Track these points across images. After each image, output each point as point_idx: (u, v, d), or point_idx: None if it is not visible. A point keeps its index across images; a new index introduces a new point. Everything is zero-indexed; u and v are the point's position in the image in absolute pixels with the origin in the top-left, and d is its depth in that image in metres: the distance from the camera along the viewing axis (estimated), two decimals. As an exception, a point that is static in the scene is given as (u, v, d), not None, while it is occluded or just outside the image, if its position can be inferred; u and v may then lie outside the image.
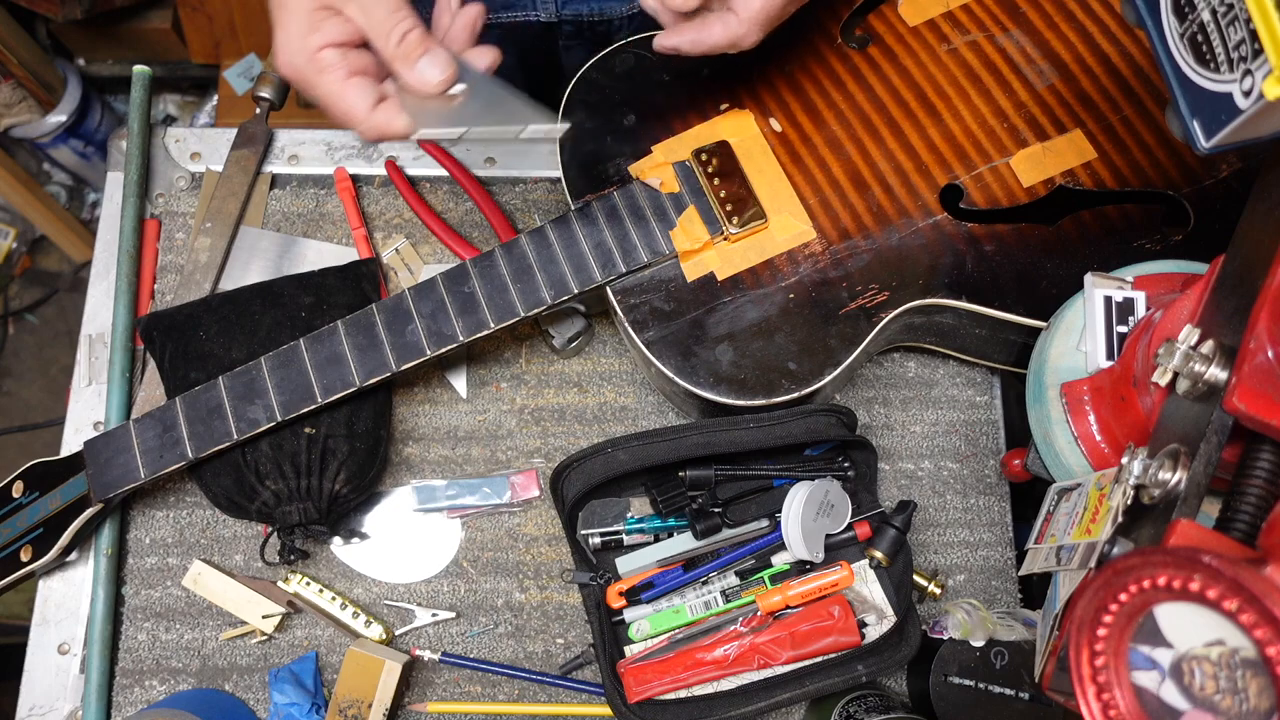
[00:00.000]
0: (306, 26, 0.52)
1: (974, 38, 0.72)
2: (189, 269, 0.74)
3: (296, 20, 0.52)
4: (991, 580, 0.72)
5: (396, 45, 0.51)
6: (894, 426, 0.74)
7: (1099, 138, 0.68)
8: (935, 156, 0.68)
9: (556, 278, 0.65)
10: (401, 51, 0.51)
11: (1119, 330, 0.57)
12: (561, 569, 0.71)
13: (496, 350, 0.75)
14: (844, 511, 0.66)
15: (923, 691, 0.63)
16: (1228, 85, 0.39)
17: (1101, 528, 0.46)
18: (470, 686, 0.68)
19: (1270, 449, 0.40)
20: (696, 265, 0.66)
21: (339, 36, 0.52)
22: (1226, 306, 0.43)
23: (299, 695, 0.65)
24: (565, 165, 0.69)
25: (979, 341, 0.69)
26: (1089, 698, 0.36)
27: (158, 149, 0.79)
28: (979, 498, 0.73)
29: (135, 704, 0.67)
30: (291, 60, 0.53)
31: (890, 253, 0.66)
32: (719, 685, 0.63)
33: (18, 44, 1.53)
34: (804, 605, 0.64)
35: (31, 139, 1.68)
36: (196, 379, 0.65)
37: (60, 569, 0.69)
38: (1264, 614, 0.31)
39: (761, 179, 0.67)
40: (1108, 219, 0.66)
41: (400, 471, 0.72)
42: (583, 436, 0.73)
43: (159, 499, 0.71)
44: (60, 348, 1.85)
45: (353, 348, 0.64)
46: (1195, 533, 0.38)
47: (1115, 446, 0.55)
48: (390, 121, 0.52)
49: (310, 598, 0.68)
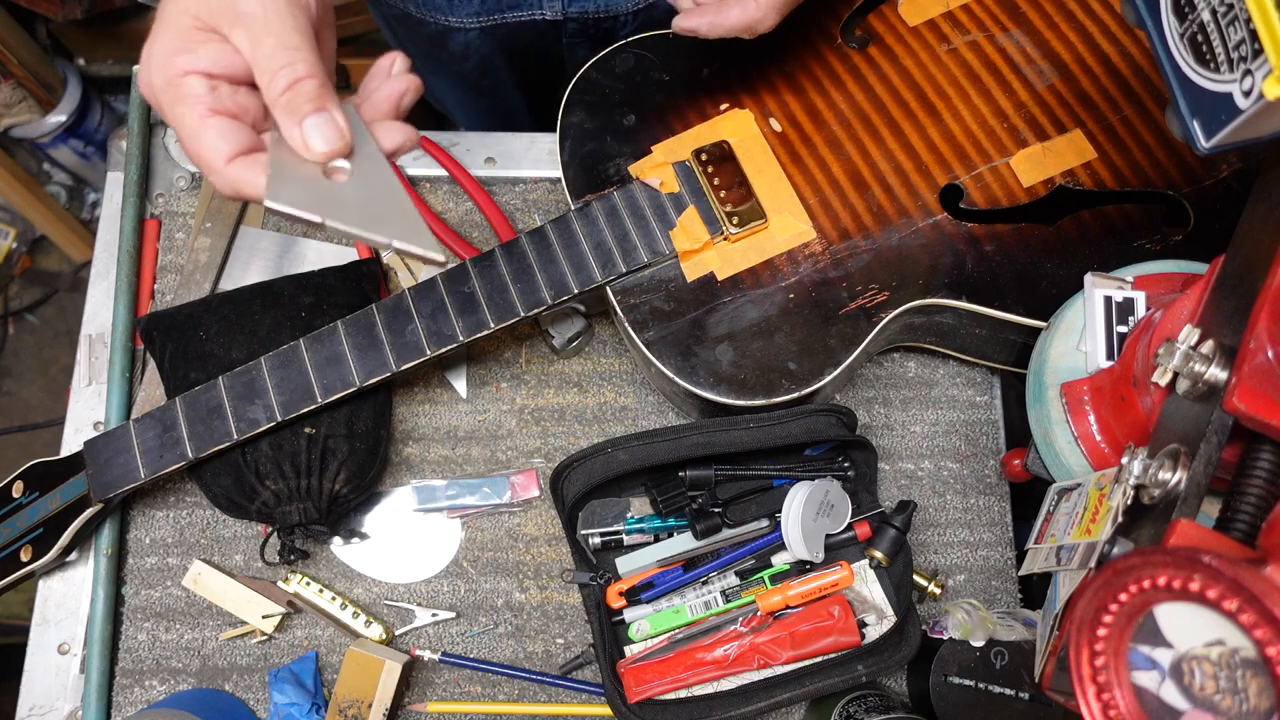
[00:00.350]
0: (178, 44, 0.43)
1: (974, 38, 0.72)
2: (189, 269, 0.74)
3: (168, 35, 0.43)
4: (991, 580, 0.72)
5: (283, 91, 0.42)
6: (894, 426, 0.74)
7: (1099, 138, 0.68)
8: (935, 156, 0.68)
9: (556, 278, 0.65)
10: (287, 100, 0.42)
11: (1119, 330, 0.57)
12: (561, 569, 0.71)
13: (496, 350, 0.75)
14: (844, 511, 0.66)
15: (923, 691, 0.63)
16: (1228, 85, 0.39)
17: (1101, 528, 0.46)
18: (470, 686, 0.68)
19: (1270, 449, 0.40)
20: (696, 265, 0.66)
21: (212, 66, 0.43)
22: (1226, 306, 0.43)
23: (299, 695, 0.65)
24: (565, 165, 0.69)
25: (979, 341, 0.69)
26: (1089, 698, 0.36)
27: (158, 149, 0.79)
28: (979, 498, 0.73)
29: (135, 704, 0.67)
30: (150, 79, 0.44)
31: (890, 253, 0.66)
32: (719, 685, 0.63)
33: (18, 44, 1.53)
34: (804, 605, 0.64)
35: (31, 139, 1.68)
36: (196, 379, 0.65)
37: (60, 569, 0.69)
38: (1264, 614, 0.31)
39: (761, 179, 0.67)
40: (1108, 219, 0.66)
41: (400, 471, 0.72)
42: (583, 436, 0.73)
43: (159, 499, 0.71)
44: (60, 348, 1.85)
45: (353, 348, 0.64)
46: (1195, 533, 0.38)
47: (1115, 446, 0.55)
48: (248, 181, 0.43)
49: (310, 598, 0.68)
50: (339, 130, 0.43)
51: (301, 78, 0.42)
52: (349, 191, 0.43)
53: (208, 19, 0.43)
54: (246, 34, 0.42)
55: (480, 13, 0.82)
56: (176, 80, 0.43)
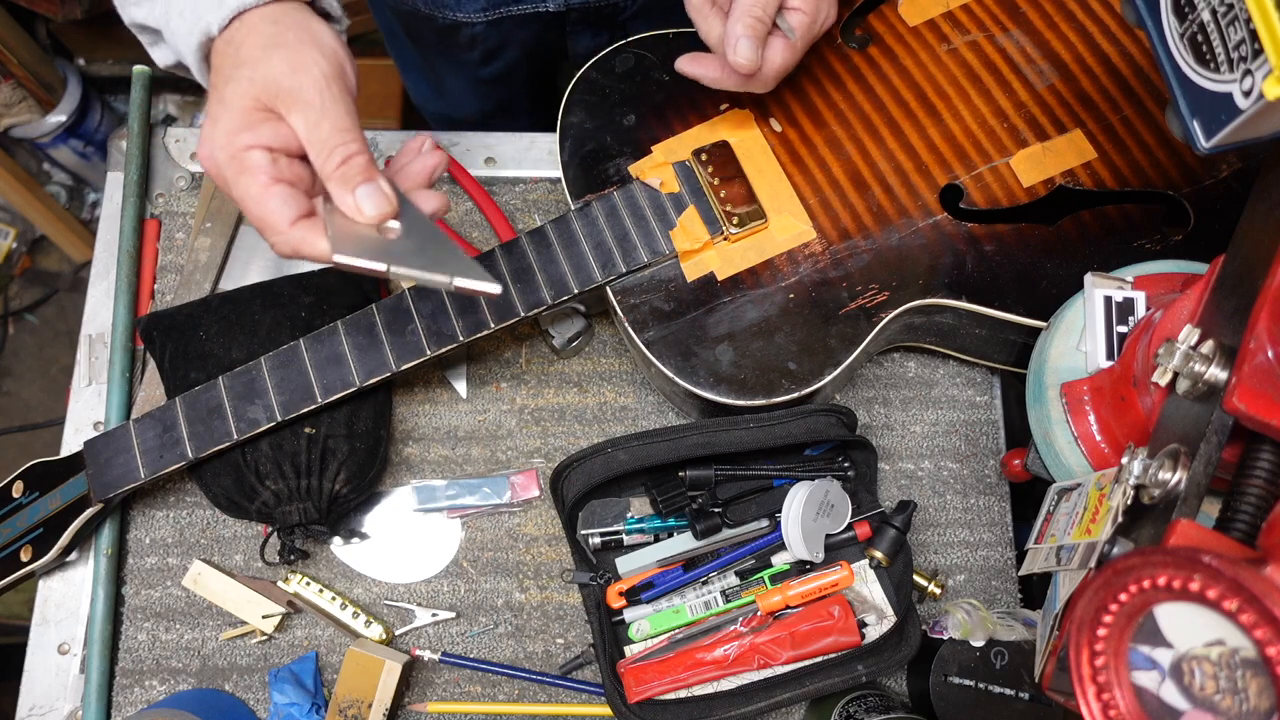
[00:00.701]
0: (240, 123, 0.48)
1: (974, 38, 0.72)
2: (189, 269, 0.74)
3: (229, 115, 0.48)
4: (991, 580, 0.72)
5: (337, 167, 0.48)
6: (894, 426, 0.74)
7: (1099, 138, 0.68)
8: (935, 156, 0.68)
9: (556, 278, 0.65)
10: (341, 174, 0.48)
11: (1119, 330, 0.57)
12: (561, 569, 0.71)
13: (496, 350, 0.75)
14: (844, 511, 0.66)
15: (923, 691, 0.63)
16: (1228, 85, 0.39)
17: (1101, 528, 0.46)
18: (470, 686, 0.68)
19: (1270, 449, 0.40)
20: (696, 265, 0.66)
21: (273, 141, 0.49)
22: (1226, 306, 0.43)
23: (299, 695, 0.65)
24: (565, 165, 0.69)
25: (979, 341, 0.69)
26: (1089, 698, 0.36)
27: (158, 149, 0.79)
28: (979, 498, 0.73)
29: (135, 704, 0.67)
30: (213, 154, 0.49)
31: (890, 253, 0.66)
32: (719, 685, 0.63)
33: (18, 44, 1.53)
34: (804, 605, 0.64)
35: (31, 139, 1.68)
36: (196, 379, 0.65)
37: (60, 569, 0.69)
38: (1264, 614, 0.31)
39: (761, 179, 0.67)
40: (1108, 219, 0.66)
41: (400, 471, 0.72)
42: (583, 436, 0.73)
43: (159, 499, 0.71)
44: (60, 348, 1.85)
45: (353, 348, 0.64)
46: (1195, 533, 0.38)
47: (1115, 446, 0.55)
48: (310, 241, 0.49)
49: (310, 598, 0.68)
50: (386, 196, 0.49)
51: (353, 154, 0.48)
52: (401, 244, 0.49)
53: (268, 102, 0.48)
54: (304, 118, 0.48)
55: (487, 7, 0.84)
56: (240, 154, 0.48)
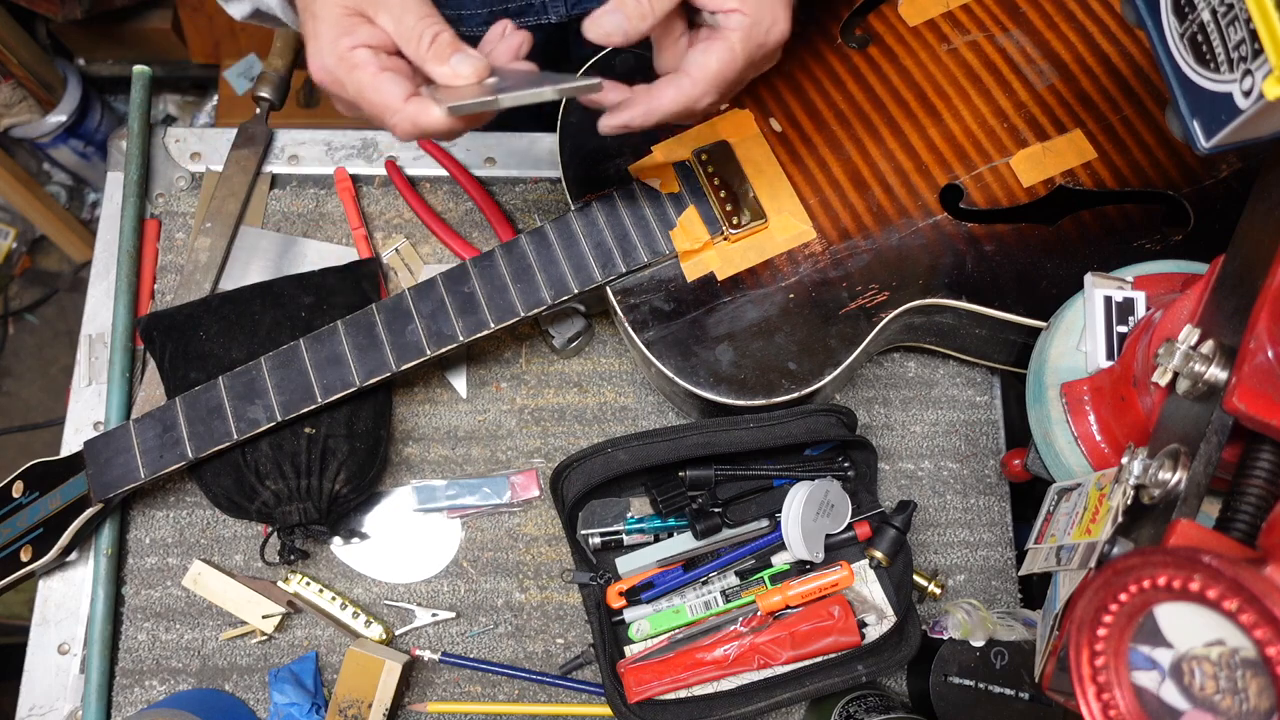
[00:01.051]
0: (339, 30, 0.53)
1: (974, 38, 0.72)
2: (189, 269, 0.74)
3: (328, 25, 0.53)
4: (991, 580, 0.72)
5: (429, 47, 0.52)
6: (894, 426, 0.74)
7: (1099, 138, 0.68)
8: (935, 156, 0.68)
9: (556, 278, 0.65)
10: (433, 52, 0.52)
11: (1119, 330, 0.57)
12: (561, 569, 0.71)
13: (496, 350, 0.75)
14: (844, 511, 0.66)
15: (923, 691, 0.63)
16: (1228, 85, 0.39)
17: (1101, 528, 0.46)
18: (470, 686, 0.68)
19: (1270, 449, 0.40)
20: (696, 265, 0.66)
21: (370, 40, 0.53)
22: (1226, 306, 0.43)
23: (299, 695, 0.65)
24: (565, 165, 0.69)
25: (979, 341, 0.69)
26: (1089, 698, 0.36)
27: (158, 149, 0.79)
28: (979, 498, 0.73)
29: (135, 704, 0.67)
30: (324, 63, 0.53)
31: (890, 253, 0.66)
32: (719, 685, 0.63)
33: (18, 44, 1.53)
34: (804, 605, 0.64)
35: (31, 139, 1.68)
36: (196, 379, 0.65)
37: (60, 569, 0.69)
38: (1264, 614, 0.31)
39: (761, 179, 0.67)
40: (1108, 219, 0.66)
41: (400, 471, 0.72)
42: (583, 436, 0.73)
43: (159, 499, 0.71)
44: (60, 348, 1.86)
45: (353, 348, 0.64)
46: (1195, 533, 0.38)
47: (1115, 446, 0.55)
48: (424, 110, 0.52)
49: (310, 598, 0.68)
50: (477, 56, 0.53)
51: (439, 33, 0.53)
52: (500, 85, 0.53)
53: (355, 6, 0.53)
54: (390, 15, 0.53)
55: (488, 21, 0.84)
56: (346, 55, 0.53)
